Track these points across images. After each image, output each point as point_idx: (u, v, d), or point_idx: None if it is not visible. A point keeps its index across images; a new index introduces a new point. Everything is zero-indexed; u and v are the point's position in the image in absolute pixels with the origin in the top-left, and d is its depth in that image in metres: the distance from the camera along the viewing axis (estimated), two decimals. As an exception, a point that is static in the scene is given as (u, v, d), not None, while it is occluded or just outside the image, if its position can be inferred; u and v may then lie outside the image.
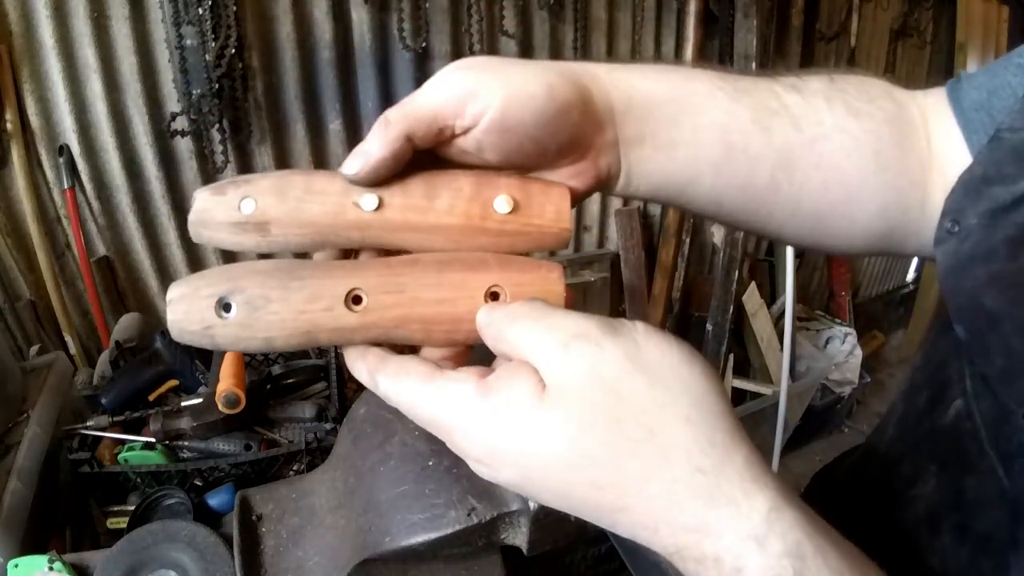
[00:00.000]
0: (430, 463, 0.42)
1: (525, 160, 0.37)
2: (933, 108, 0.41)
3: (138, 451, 1.03)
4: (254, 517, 0.51)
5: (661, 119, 0.38)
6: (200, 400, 1.05)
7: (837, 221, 0.41)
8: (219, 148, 1.67)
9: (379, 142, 0.34)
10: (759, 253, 3.10)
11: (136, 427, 1.08)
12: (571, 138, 0.36)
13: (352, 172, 0.34)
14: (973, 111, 0.39)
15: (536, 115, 0.34)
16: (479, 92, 0.34)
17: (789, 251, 2.41)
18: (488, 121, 0.34)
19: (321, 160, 1.87)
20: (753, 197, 0.40)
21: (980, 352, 0.34)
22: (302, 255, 0.38)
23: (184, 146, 1.66)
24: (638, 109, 0.37)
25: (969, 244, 0.34)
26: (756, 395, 2.53)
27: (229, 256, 1.83)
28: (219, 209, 0.35)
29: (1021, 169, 0.33)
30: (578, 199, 0.39)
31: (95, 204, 1.62)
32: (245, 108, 1.67)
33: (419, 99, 0.34)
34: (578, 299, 2.45)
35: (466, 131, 0.35)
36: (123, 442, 1.05)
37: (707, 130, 0.38)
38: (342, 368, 1.22)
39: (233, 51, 1.56)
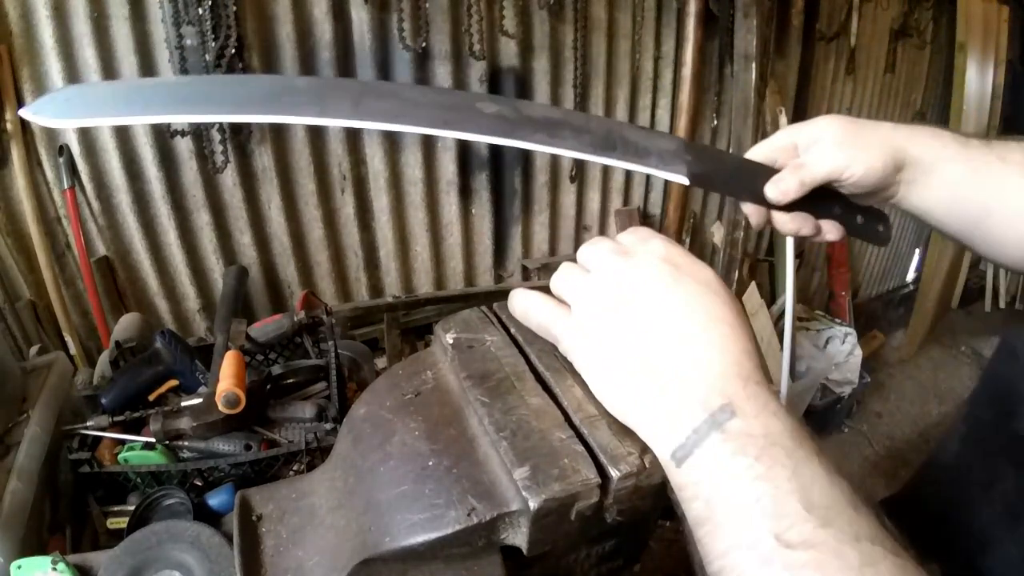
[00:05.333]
0: (430, 463, 0.42)
1: (856, 191, 0.61)
2: None
3: (138, 451, 1.03)
4: (254, 517, 0.51)
5: (925, 173, 0.61)
6: (200, 400, 1.05)
7: None
8: (219, 148, 1.67)
9: (796, 187, 0.58)
10: (759, 253, 3.09)
11: (136, 427, 1.08)
12: (887, 186, 0.61)
13: (772, 197, 0.58)
14: None
15: (877, 180, 0.59)
16: (851, 167, 0.58)
17: (789, 251, 2.41)
18: (851, 185, 0.59)
19: (321, 160, 1.87)
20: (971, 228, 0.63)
21: None
22: None
23: (184, 146, 1.66)
24: (913, 167, 0.61)
25: None
26: (756, 395, 2.53)
27: (226, 255, 1.83)
28: None
29: None
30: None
31: (95, 204, 1.62)
32: (245, 108, 1.67)
33: (815, 168, 0.58)
34: (578, 299, 2.45)
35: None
36: (123, 442, 1.05)
37: (947, 187, 0.61)
38: (342, 368, 1.22)
39: (233, 51, 1.57)
